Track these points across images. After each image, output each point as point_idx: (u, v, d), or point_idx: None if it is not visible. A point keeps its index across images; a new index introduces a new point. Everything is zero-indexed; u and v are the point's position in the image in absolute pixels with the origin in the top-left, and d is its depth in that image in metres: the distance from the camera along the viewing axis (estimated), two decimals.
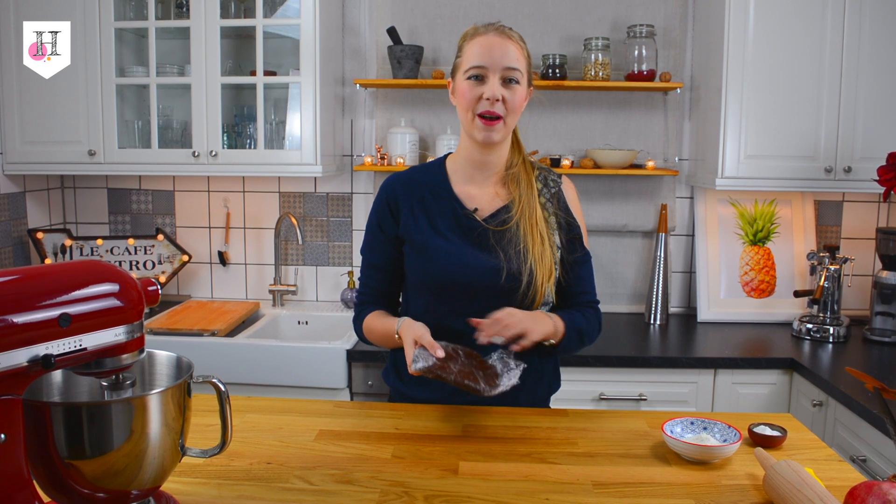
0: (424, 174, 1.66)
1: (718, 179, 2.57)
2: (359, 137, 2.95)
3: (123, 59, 2.73)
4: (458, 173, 1.63)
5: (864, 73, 2.49)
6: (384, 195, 1.64)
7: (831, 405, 2.10)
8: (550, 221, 1.60)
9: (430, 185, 1.63)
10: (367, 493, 1.17)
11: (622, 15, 2.81)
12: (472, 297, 1.54)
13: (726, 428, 1.35)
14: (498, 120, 1.51)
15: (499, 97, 1.49)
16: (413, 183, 1.64)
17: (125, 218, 3.05)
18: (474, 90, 1.51)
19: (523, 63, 1.54)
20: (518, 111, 1.55)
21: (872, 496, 1.02)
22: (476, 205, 1.60)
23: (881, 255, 2.59)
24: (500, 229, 1.56)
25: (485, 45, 1.51)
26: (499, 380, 1.37)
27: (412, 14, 2.85)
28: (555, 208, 1.62)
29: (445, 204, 1.60)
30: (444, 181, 1.63)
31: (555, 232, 1.60)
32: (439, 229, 1.58)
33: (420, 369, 1.34)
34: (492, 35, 1.53)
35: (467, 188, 1.62)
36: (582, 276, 1.64)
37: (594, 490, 1.19)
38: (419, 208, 1.60)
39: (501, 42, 1.52)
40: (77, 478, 0.94)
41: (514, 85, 1.52)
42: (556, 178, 1.66)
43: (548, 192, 1.63)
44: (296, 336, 2.84)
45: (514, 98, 1.52)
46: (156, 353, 1.12)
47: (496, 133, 1.52)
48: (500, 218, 1.58)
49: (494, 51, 1.50)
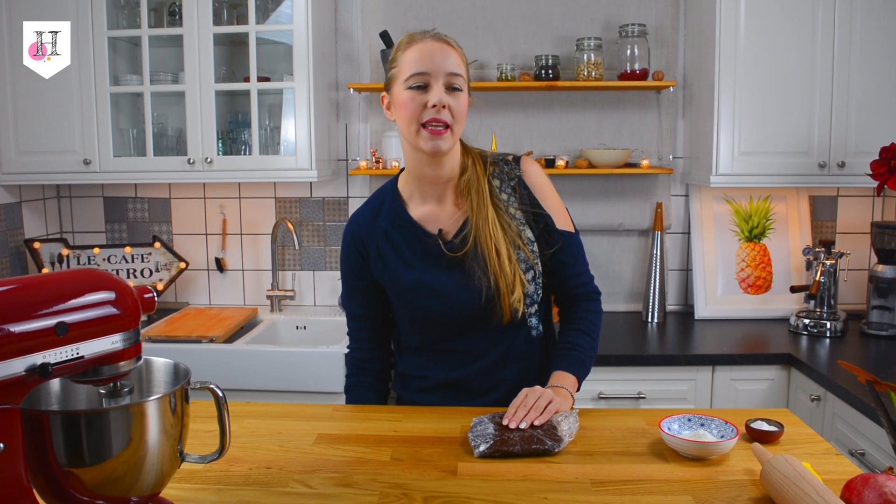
0: (380, 207, 1.58)
1: (713, 177, 2.57)
2: (353, 142, 2.95)
3: (117, 68, 2.73)
4: (413, 196, 1.56)
5: (856, 67, 2.50)
6: (350, 242, 1.59)
7: (829, 399, 2.11)
8: (517, 218, 1.52)
9: (389, 217, 1.55)
10: (366, 495, 1.17)
11: (614, 15, 2.82)
12: (460, 322, 1.54)
13: (723, 424, 1.35)
14: (446, 129, 1.43)
15: (445, 104, 1.41)
16: (372, 220, 1.57)
17: (121, 226, 3.05)
18: (417, 99, 1.42)
19: (464, 69, 1.47)
20: (463, 120, 1.47)
21: (868, 489, 1.03)
22: (440, 226, 1.53)
23: (876, 249, 2.59)
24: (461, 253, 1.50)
25: (425, 52, 1.43)
26: (560, 431, 1.34)
27: (404, 18, 2.86)
28: (519, 201, 1.53)
29: (409, 233, 1.54)
30: (401, 210, 1.55)
31: (524, 228, 1.52)
32: (410, 262, 1.53)
33: (484, 452, 1.30)
34: (430, 41, 1.45)
35: (426, 209, 1.54)
36: (566, 262, 1.56)
37: (593, 488, 1.19)
38: (385, 245, 1.54)
39: (441, 47, 1.44)
40: (77, 485, 0.94)
41: (457, 92, 1.44)
42: (514, 166, 1.56)
43: (507, 186, 1.53)
44: (294, 341, 2.84)
45: (460, 105, 1.44)
46: (153, 360, 1.12)
47: (444, 142, 1.43)
48: (461, 236, 1.51)
49: (436, 56, 1.42)
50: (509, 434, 1.33)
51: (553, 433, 1.34)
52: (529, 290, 1.52)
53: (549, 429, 1.35)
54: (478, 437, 1.33)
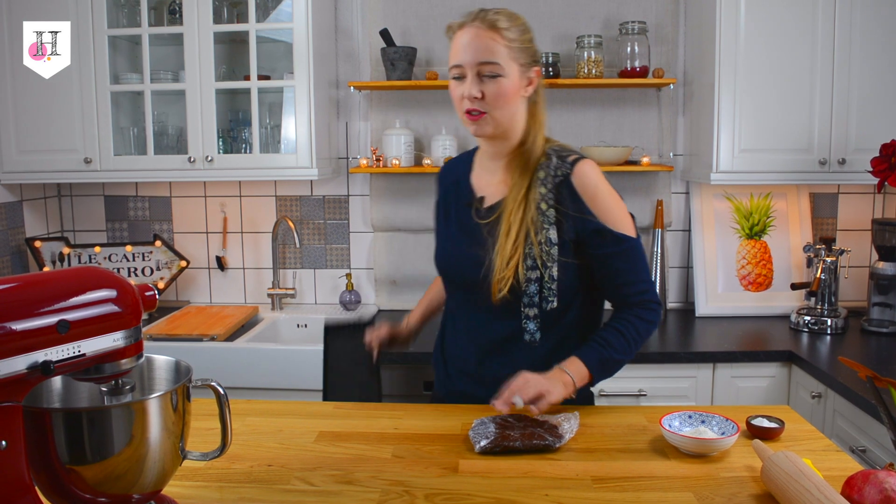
0: (462, 162, 1.71)
1: (713, 174, 2.57)
2: (354, 140, 2.96)
3: (117, 67, 2.73)
4: (480, 161, 1.66)
5: (856, 64, 2.50)
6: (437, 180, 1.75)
7: (830, 396, 2.11)
8: (547, 216, 1.48)
9: (458, 174, 1.68)
10: (367, 492, 1.17)
11: (614, 12, 2.82)
12: (465, 290, 1.60)
13: (724, 421, 1.36)
14: (481, 115, 1.49)
15: (476, 95, 1.47)
16: (449, 172, 1.71)
17: (122, 225, 3.06)
18: (456, 90, 1.52)
19: (504, 52, 1.47)
20: (503, 102, 1.48)
21: (869, 485, 1.03)
22: (485, 193, 1.60)
23: (877, 246, 2.59)
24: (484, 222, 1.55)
25: (461, 42, 1.49)
26: (561, 429, 1.35)
27: (405, 16, 2.85)
28: (556, 200, 1.49)
29: (462, 191, 1.64)
30: (466, 170, 1.67)
31: (549, 227, 1.48)
32: (451, 220, 1.64)
33: (485, 447, 1.31)
34: (467, 29, 1.49)
35: (484, 176, 1.63)
36: (622, 268, 1.50)
37: (594, 485, 1.20)
38: (445, 196, 1.68)
39: (478, 35, 1.47)
40: (78, 483, 0.95)
41: (494, 79, 1.47)
42: (568, 165, 1.51)
43: (549, 181, 1.50)
44: (295, 339, 2.84)
45: (496, 91, 1.47)
46: (154, 358, 1.12)
47: (481, 127, 1.51)
48: (492, 208, 1.56)
49: (469, 48, 1.47)
50: (510, 431, 1.33)
51: (554, 430, 1.34)
52: (522, 279, 1.48)
53: (549, 426, 1.36)
54: (479, 435, 1.34)
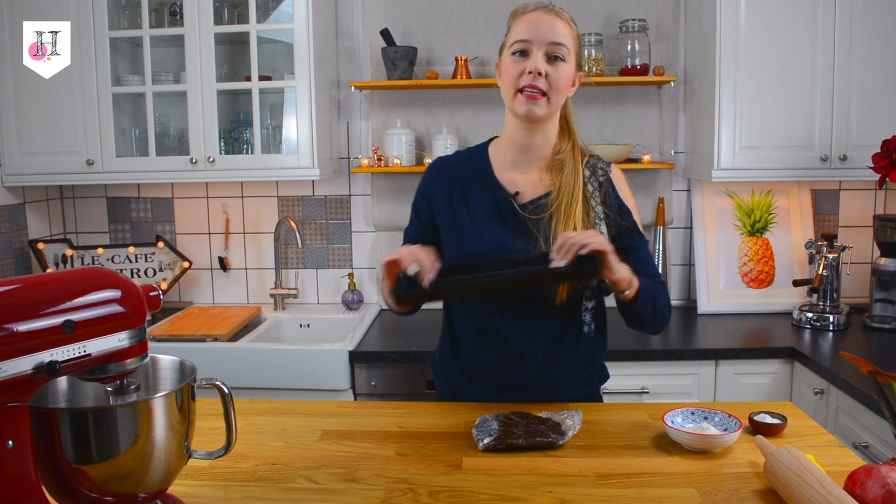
0: (467, 159, 1.63)
1: (714, 171, 2.58)
2: (355, 139, 2.96)
3: (119, 68, 2.74)
4: (500, 157, 1.59)
5: (857, 60, 2.50)
6: (425, 179, 1.64)
7: (832, 393, 2.11)
8: (596, 212, 1.52)
9: (471, 171, 1.60)
10: (372, 490, 1.18)
11: (614, 10, 2.82)
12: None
13: (727, 417, 1.36)
14: (542, 96, 1.46)
15: (542, 71, 1.44)
16: (453, 168, 1.62)
17: (125, 226, 3.06)
18: (518, 65, 1.46)
19: (571, 41, 1.49)
20: (563, 90, 1.49)
21: (872, 479, 1.03)
22: (520, 189, 1.55)
23: (879, 242, 2.60)
24: (536, 217, 1.50)
25: (531, 21, 1.47)
26: (564, 427, 1.36)
27: (405, 15, 2.86)
28: (602, 198, 1.54)
29: (486, 189, 1.56)
30: (485, 166, 1.59)
31: (600, 223, 1.51)
32: (477, 215, 1.55)
33: (489, 445, 1.31)
34: (539, 12, 1.49)
35: (510, 174, 1.57)
36: (644, 260, 1.56)
37: (597, 482, 1.20)
38: (458, 194, 1.57)
39: (548, 18, 1.48)
40: (85, 482, 0.95)
41: (558, 62, 1.46)
42: (606, 166, 1.59)
43: (595, 180, 1.55)
44: (298, 339, 2.85)
45: (559, 75, 1.46)
46: (159, 358, 1.13)
47: (538, 107, 1.46)
48: (538, 204, 1.52)
49: (540, 25, 1.46)
50: (513, 429, 1.34)
51: (557, 428, 1.35)
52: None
53: (552, 424, 1.36)
54: (482, 432, 1.34)
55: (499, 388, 1.58)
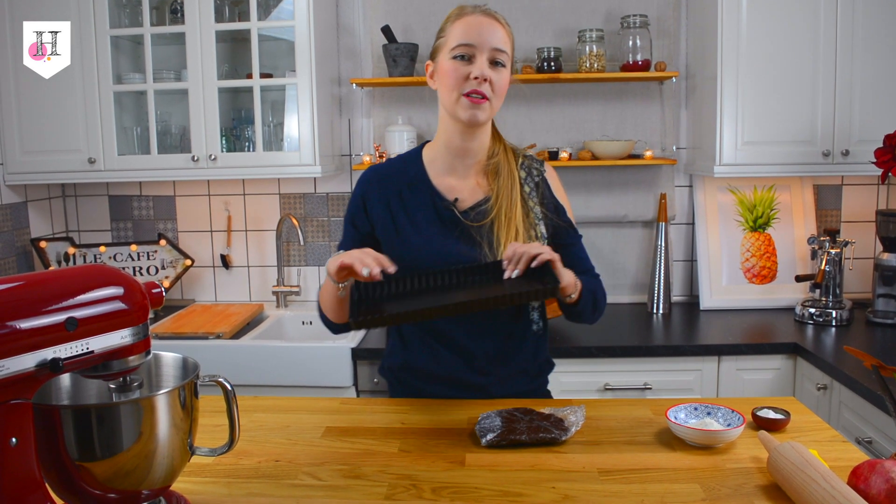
0: (402, 167, 1.60)
1: (716, 167, 2.57)
2: (357, 137, 2.96)
3: (120, 67, 2.74)
4: (436, 163, 1.58)
5: (859, 55, 2.49)
6: (359, 190, 1.60)
7: (836, 388, 2.11)
8: (535, 213, 1.55)
9: (407, 178, 1.58)
10: (375, 486, 1.18)
11: (615, 6, 2.82)
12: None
13: (730, 412, 1.36)
14: (485, 100, 1.46)
15: (487, 77, 1.45)
16: (389, 177, 1.59)
17: (127, 224, 3.06)
18: (461, 69, 1.46)
19: (509, 47, 1.51)
20: (502, 95, 1.50)
21: (875, 474, 1.03)
22: (459, 195, 1.55)
23: (881, 237, 2.59)
24: (477, 224, 1.52)
25: (473, 25, 1.47)
26: (567, 422, 1.36)
27: (406, 12, 2.85)
28: (540, 198, 1.57)
29: (424, 197, 1.55)
30: (421, 173, 1.58)
31: (539, 222, 1.55)
32: (418, 223, 1.54)
33: (492, 441, 1.31)
34: (479, 15, 1.49)
35: (447, 179, 1.57)
36: (581, 256, 1.62)
37: (600, 477, 1.20)
38: (397, 204, 1.56)
39: (490, 22, 1.48)
40: (88, 479, 0.95)
41: (500, 68, 1.48)
42: (539, 165, 1.61)
43: (532, 180, 1.58)
44: (300, 336, 2.85)
45: (501, 81, 1.48)
46: (162, 355, 1.13)
47: (482, 112, 1.47)
48: (479, 210, 1.53)
49: (483, 30, 1.46)
50: (516, 425, 1.34)
51: (560, 423, 1.35)
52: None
53: (555, 420, 1.36)
54: (485, 428, 1.34)
55: (453, 386, 1.59)
